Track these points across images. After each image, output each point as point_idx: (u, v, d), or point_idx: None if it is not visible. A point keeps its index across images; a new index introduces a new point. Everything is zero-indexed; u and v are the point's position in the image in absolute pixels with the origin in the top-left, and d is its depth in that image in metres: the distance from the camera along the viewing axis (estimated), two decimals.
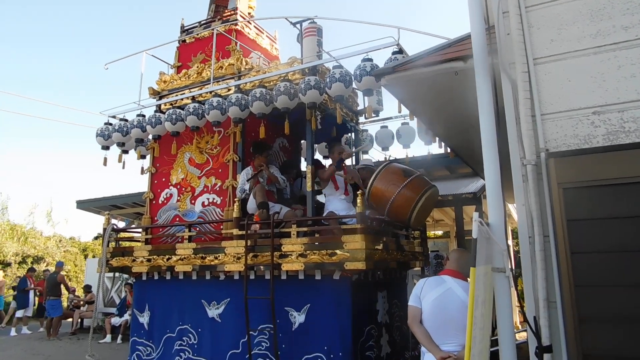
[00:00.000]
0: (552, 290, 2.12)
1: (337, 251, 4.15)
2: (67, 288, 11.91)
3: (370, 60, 4.39)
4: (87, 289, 12.00)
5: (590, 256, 2.07)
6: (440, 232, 13.40)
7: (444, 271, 3.23)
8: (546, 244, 2.18)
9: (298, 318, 4.50)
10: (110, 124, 5.90)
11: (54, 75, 44.15)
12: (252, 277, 4.68)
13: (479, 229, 2.13)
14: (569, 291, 2.05)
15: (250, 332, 4.51)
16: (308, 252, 4.31)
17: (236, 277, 4.84)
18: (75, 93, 43.97)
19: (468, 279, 2.95)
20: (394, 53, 4.59)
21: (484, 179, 6.58)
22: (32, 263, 17.29)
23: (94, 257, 18.35)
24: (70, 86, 44.39)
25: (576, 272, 2.05)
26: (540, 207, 2.21)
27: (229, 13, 6.27)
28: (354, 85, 4.57)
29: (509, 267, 2.22)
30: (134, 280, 5.88)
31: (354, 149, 5.74)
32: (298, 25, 5.17)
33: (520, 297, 2.89)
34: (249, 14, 6.61)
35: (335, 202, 4.85)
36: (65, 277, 12.82)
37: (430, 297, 3.04)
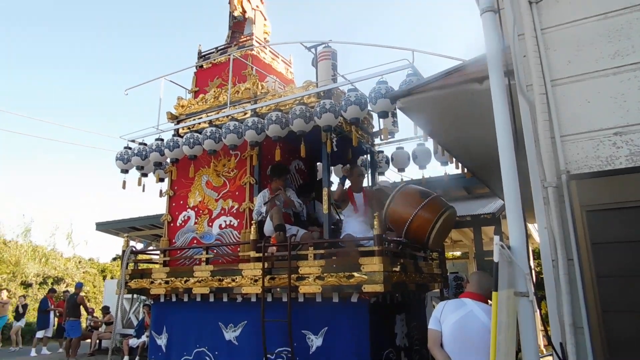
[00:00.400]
0: (579, 316, 2.06)
1: (355, 274, 4.11)
2: (86, 309, 11.99)
3: (385, 82, 4.42)
4: (105, 310, 12.07)
5: (617, 280, 2.02)
6: (458, 253, 13.23)
7: (465, 294, 3.17)
8: (570, 267, 2.13)
9: (315, 341, 4.45)
10: (130, 148, 6.01)
11: (71, 97, 45.32)
12: (269, 299, 4.66)
13: (500, 252, 2.09)
14: (597, 316, 1.99)
15: (268, 356, 4.46)
16: (325, 274, 4.28)
17: (253, 299, 4.82)
18: (89, 114, 44.95)
19: (489, 301, 2.89)
20: (408, 75, 4.62)
21: (502, 199, 6.52)
22: (52, 284, 17.50)
23: (112, 278, 18.52)
24: (87, 108, 45.48)
25: (603, 296, 2.00)
26: (563, 230, 2.17)
27: (245, 38, 6.40)
28: (369, 108, 4.59)
29: (532, 291, 2.17)
30: (152, 302, 5.90)
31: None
32: (313, 50, 5.24)
33: (544, 321, 2.82)
34: (265, 39, 6.73)
35: (352, 224, 4.83)
36: (84, 298, 12.92)
37: (450, 320, 2.98)
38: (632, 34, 2.26)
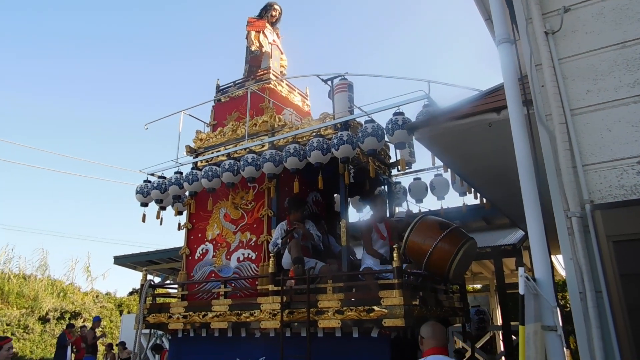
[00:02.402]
0: (611, 351, 1.98)
1: (375, 307, 4.03)
2: (87, 342, 11.82)
3: (402, 113, 4.43)
4: (122, 345, 11.98)
5: None
6: (479, 286, 12.91)
7: (432, 350, 2.92)
8: (599, 300, 2.07)
9: None
10: (149, 182, 6.09)
11: (93, 131, 46.46)
12: (287, 334, 4.58)
13: (526, 285, 2.04)
14: (630, 352, 1.91)
15: None
16: (345, 308, 4.20)
17: (272, 334, 4.75)
18: (110, 148, 45.90)
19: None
20: (424, 106, 4.65)
21: (522, 229, 6.39)
22: (69, 319, 17.50)
23: (129, 312, 18.45)
24: (107, 142, 46.50)
25: (636, 331, 1.92)
26: (589, 261, 2.11)
27: (262, 72, 6.53)
28: (386, 139, 4.60)
29: (560, 324, 2.10)
30: (170, 337, 5.84)
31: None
32: (329, 82, 5.32)
33: (574, 357, 2.72)
34: (281, 72, 6.87)
35: (371, 257, 4.78)
36: (101, 332, 12.85)
37: None
38: None
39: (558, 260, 8.27)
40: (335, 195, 6.37)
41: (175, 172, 5.90)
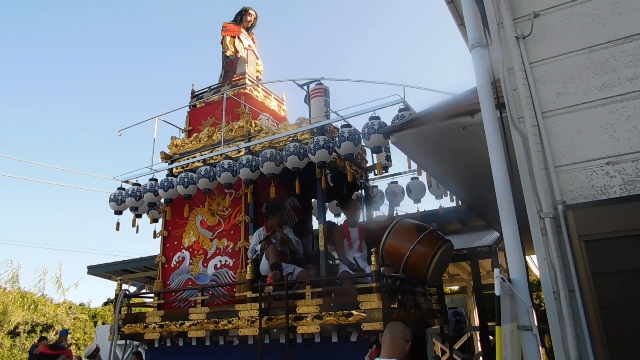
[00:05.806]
0: (584, 349, 2.02)
1: (353, 312, 4.03)
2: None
3: (378, 118, 4.47)
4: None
5: (621, 311, 1.99)
6: (456, 288, 13.06)
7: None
8: (572, 299, 2.10)
9: None
10: (124, 189, 5.97)
11: (62, 137, 45.38)
12: (266, 341, 4.54)
13: (502, 285, 2.06)
14: (602, 350, 1.95)
15: None
16: (323, 313, 4.19)
17: (250, 341, 4.70)
18: (81, 155, 44.89)
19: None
20: (400, 110, 4.69)
21: (497, 230, 6.48)
22: (41, 332, 16.96)
23: (103, 323, 18.02)
24: (78, 148, 45.47)
25: (608, 328, 1.96)
26: (562, 260, 2.15)
27: (238, 77, 6.50)
28: (362, 143, 4.62)
29: (536, 324, 2.13)
30: (146, 348, 5.72)
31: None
32: (305, 87, 5.32)
33: (550, 355, 2.76)
34: (257, 77, 6.85)
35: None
36: (74, 345, 12.46)
37: None
38: (617, 66, 2.32)
39: (533, 261, 8.44)
40: (312, 200, 6.36)
41: (150, 179, 5.80)
